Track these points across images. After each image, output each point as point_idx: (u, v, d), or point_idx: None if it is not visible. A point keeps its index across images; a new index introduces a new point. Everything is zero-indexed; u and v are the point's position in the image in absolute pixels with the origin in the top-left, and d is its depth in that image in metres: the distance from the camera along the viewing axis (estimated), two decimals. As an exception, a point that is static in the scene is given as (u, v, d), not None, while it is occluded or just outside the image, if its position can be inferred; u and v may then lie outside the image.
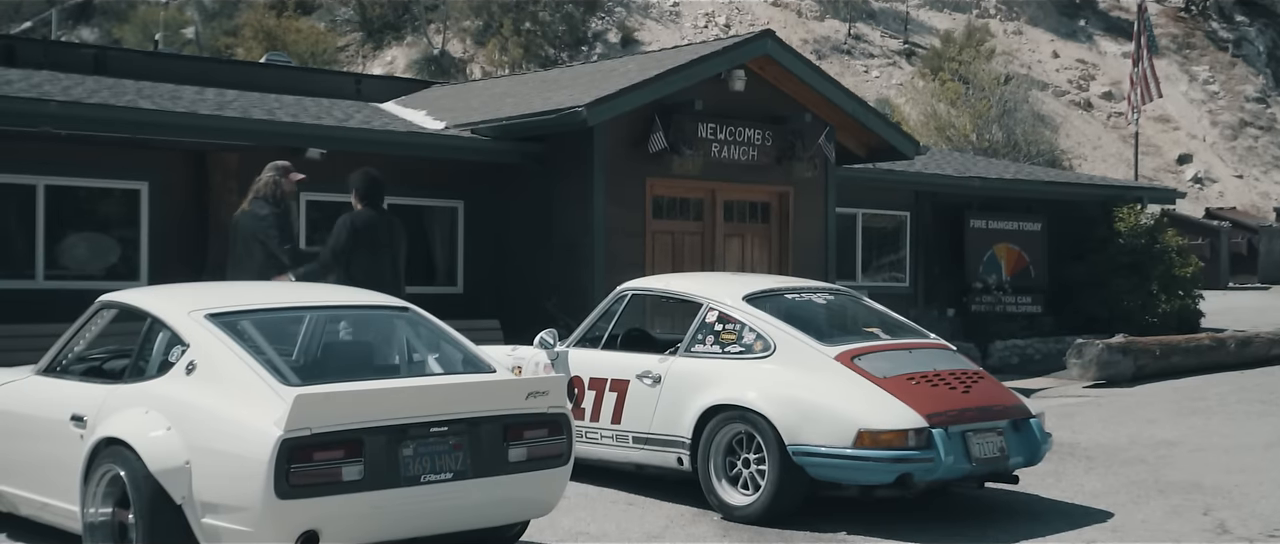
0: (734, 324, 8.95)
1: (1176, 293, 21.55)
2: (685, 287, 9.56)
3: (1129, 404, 14.37)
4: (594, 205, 15.00)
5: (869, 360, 8.54)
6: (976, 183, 20.59)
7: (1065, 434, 12.20)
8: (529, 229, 15.77)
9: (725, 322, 9.00)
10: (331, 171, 15.00)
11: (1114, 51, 51.29)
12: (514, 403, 6.65)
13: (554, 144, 15.34)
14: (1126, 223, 21.38)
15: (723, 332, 8.97)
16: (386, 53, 46.19)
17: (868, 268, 20.24)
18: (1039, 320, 21.09)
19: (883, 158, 17.98)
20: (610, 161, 15.05)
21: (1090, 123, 48.05)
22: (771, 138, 16.25)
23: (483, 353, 7.22)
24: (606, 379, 9.39)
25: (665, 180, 15.57)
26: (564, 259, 15.35)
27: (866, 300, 9.85)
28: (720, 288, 9.37)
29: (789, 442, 8.24)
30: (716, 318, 9.05)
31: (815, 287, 9.68)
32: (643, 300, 9.82)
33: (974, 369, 8.95)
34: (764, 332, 8.78)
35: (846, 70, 45.80)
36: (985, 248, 20.93)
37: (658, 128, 15.07)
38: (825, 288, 9.73)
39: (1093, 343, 16.16)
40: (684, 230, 16.12)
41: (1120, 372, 16.05)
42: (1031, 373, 18.82)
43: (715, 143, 15.78)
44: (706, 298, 9.19)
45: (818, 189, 16.94)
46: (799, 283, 9.73)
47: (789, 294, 9.34)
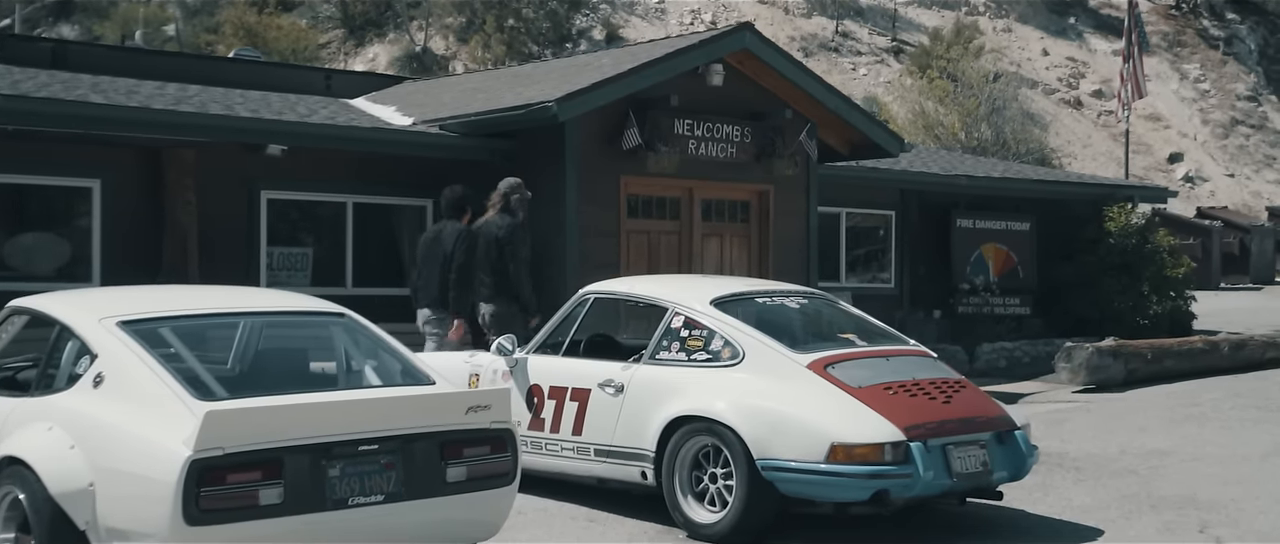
0: (701, 330, 8.42)
1: (1168, 294, 21.06)
2: (650, 290, 9.03)
3: (1119, 410, 13.87)
4: (566, 204, 14.46)
5: (843, 369, 8.02)
6: (963, 181, 20.09)
7: (1053, 443, 11.69)
8: (500, 229, 15.20)
9: (691, 327, 8.47)
10: (294, 168, 14.53)
11: (1104, 49, 50.82)
12: (453, 418, 6.11)
13: (525, 140, 14.81)
14: (1117, 222, 20.89)
15: (689, 338, 8.45)
16: (368, 50, 45.59)
17: (852, 268, 19.74)
18: (1027, 322, 20.60)
19: (866, 155, 17.46)
20: (583, 159, 14.52)
21: (1080, 121, 47.58)
22: (751, 135, 15.73)
23: (422, 363, 6.69)
24: (567, 388, 8.86)
25: (640, 178, 15.04)
26: (535, 260, 14.78)
27: (842, 304, 9.33)
28: (687, 291, 8.84)
29: (758, 456, 7.72)
30: (682, 323, 8.53)
31: (788, 290, 9.16)
32: (606, 305, 9.29)
33: (955, 378, 8.44)
34: (732, 338, 8.26)
35: (834, 68, 45.29)
36: (972, 248, 20.44)
37: (632, 124, 14.54)
38: (799, 291, 9.20)
39: (1082, 346, 15.65)
40: (660, 230, 15.59)
41: (1111, 376, 15.55)
42: (1019, 376, 18.34)
43: (692, 140, 15.25)
44: (672, 302, 8.66)
45: (799, 187, 16.42)
46: (771, 286, 9.21)
47: (760, 298, 8.82)
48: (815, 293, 9.34)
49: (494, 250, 11.15)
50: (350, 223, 15.26)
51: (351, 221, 15.28)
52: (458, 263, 10.94)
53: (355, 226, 15.31)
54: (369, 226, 15.57)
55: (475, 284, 11.18)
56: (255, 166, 14.30)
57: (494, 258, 11.14)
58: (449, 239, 11.16)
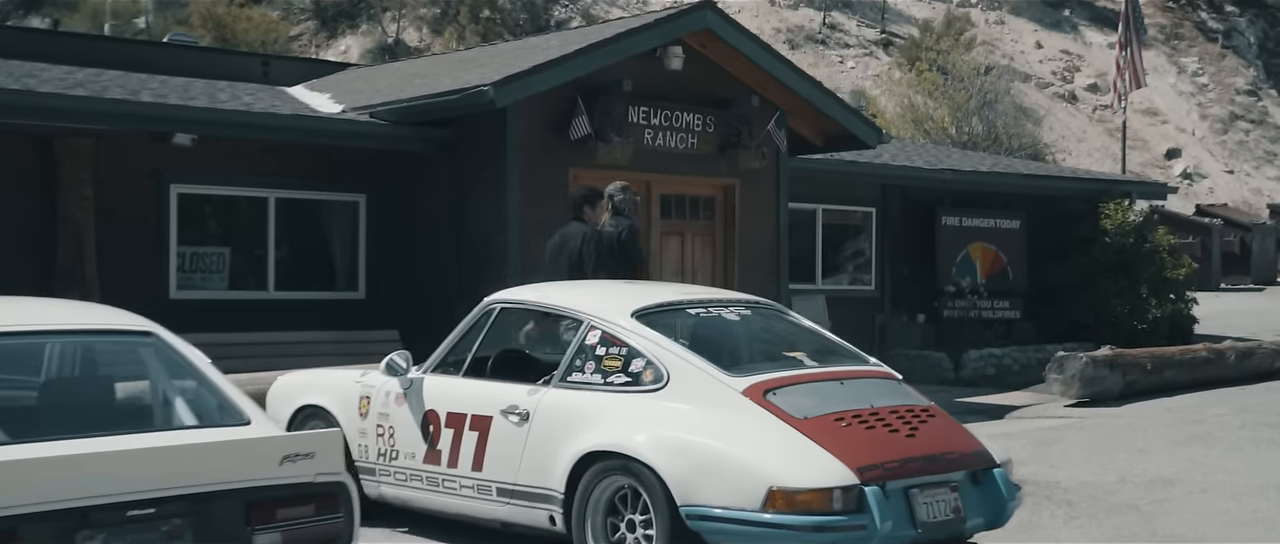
0: (619, 347, 7.06)
1: (1168, 296, 19.75)
2: (563, 299, 7.66)
3: (1117, 428, 12.52)
4: (507, 199, 13.12)
5: (786, 395, 6.67)
6: (949, 176, 18.75)
7: (1042, 468, 10.35)
8: (438, 227, 13.89)
9: (609, 344, 7.11)
10: (207, 159, 13.18)
11: (1100, 42, 49.42)
12: (263, 470, 4.76)
13: (464, 129, 13.48)
14: (1113, 220, 19.57)
15: (606, 356, 7.09)
16: (340, 42, 44.16)
17: (829, 269, 18.40)
18: (1018, 327, 19.29)
19: (842, 147, 16.14)
20: (526, 149, 13.17)
21: (1075, 116, 46.21)
22: (714, 124, 14.38)
23: (238, 396, 5.30)
24: (466, 415, 7.50)
25: (591, 171, 13.63)
26: (474, 261, 13.46)
27: (792, 316, 7.96)
28: (605, 301, 7.48)
29: (682, 502, 6.37)
30: (598, 339, 7.16)
31: (728, 299, 7.78)
32: (516, 315, 7.91)
33: (923, 404, 7.08)
34: (655, 357, 6.90)
35: (821, 60, 43.92)
36: (959, 247, 19.14)
37: (581, 111, 13.18)
38: (741, 301, 7.83)
39: (1075, 356, 14.29)
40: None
41: (1106, 388, 14.20)
42: (1008, 385, 17.02)
43: (648, 129, 13.90)
44: (587, 314, 7.30)
45: (768, 181, 15.06)
46: (707, 294, 7.83)
47: (692, 309, 7.45)
48: (761, 303, 7.96)
49: (616, 252, 10.46)
50: (272, 220, 13.91)
51: (274, 218, 13.93)
52: (591, 265, 10.32)
53: (278, 224, 13.97)
54: (294, 224, 14.23)
55: None
56: (163, 157, 12.94)
57: (615, 261, 10.38)
58: (575, 240, 10.56)
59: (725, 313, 7.47)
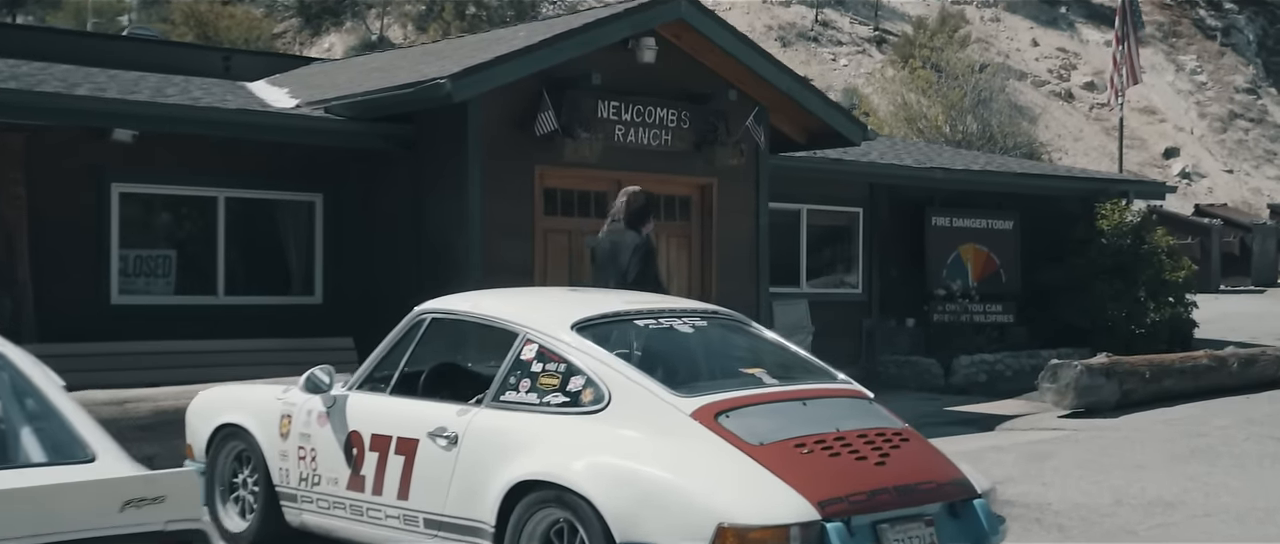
0: (557, 363, 6.32)
1: (1167, 300, 19.01)
2: (497, 309, 6.91)
3: (1113, 441, 11.79)
4: (469, 198, 12.40)
5: (742, 418, 5.94)
6: (939, 175, 18.02)
7: (1033, 487, 9.63)
8: (398, 228, 13.18)
9: (546, 359, 6.38)
10: (152, 157, 12.48)
11: (1097, 40, 48.66)
12: (100, 518, 4.01)
13: (425, 125, 12.77)
14: (1110, 220, 18.83)
15: (542, 374, 6.35)
16: (324, 40, 43.39)
17: (814, 272, 17.67)
18: (1011, 331, 18.55)
19: (825, 144, 15.41)
20: (490, 146, 12.45)
21: (1071, 114, 45.46)
22: (689, 119, 13.66)
23: (89, 428, 4.55)
24: (391, 437, 6.77)
25: (559, 169, 12.96)
26: (434, 264, 12.73)
27: (754, 327, 7.22)
28: (544, 311, 6.75)
29: (621, 538, 5.65)
30: (535, 354, 6.43)
31: (683, 309, 7.03)
32: (448, 327, 7.16)
33: (895, 427, 6.35)
34: (596, 375, 6.17)
35: (813, 58, 43.18)
36: (949, 249, 18.42)
37: (547, 106, 12.45)
38: (698, 311, 7.08)
39: (1069, 364, 13.55)
40: (584, 229, 13.46)
41: (1102, 398, 13.47)
42: (1001, 392, 16.31)
43: (619, 124, 13.18)
44: (522, 325, 6.56)
45: (747, 180, 14.33)
46: (658, 304, 7.07)
47: (641, 320, 6.70)
48: (719, 313, 7.21)
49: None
50: (222, 220, 13.21)
51: (224, 219, 13.24)
52: (632, 278, 9.97)
53: (228, 225, 13.27)
54: (246, 225, 13.56)
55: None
56: (103, 154, 12.26)
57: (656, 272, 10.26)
58: (625, 251, 10.17)
59: (678, 324, 6.73)
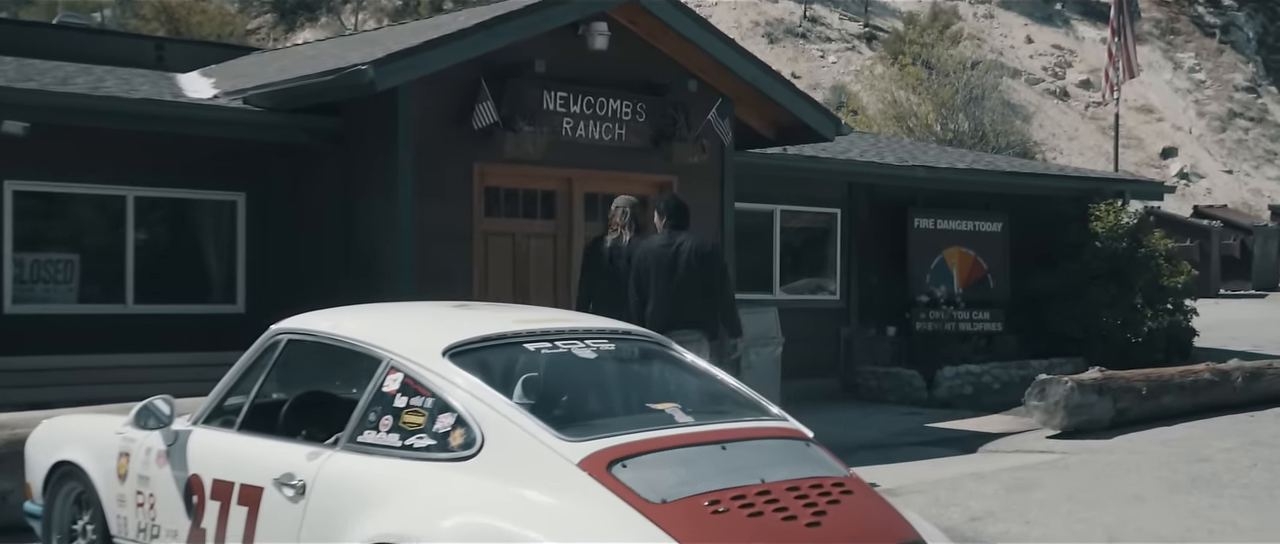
0: (424, 397, 5.18)
1: (1165, 306, 17.88)
2: (359, 329, 5.75)
3: (1107, 467, 10.65)
4: (397, 198, 11.28)
5: (643, 467, 4.79)
6: (922, 173, 16.89)
7: (1015, 525, 8.51)
8: (326, 230, 12.06)
9: (412, 392, 5.24)
10: (51, 152, 11.34)
11: (1093, 37, 47.51)
12: None
13: (354, 118, 11.68)
14: (1105, 222, 17.70)
15: (407, 409, 5.21)
16: (299, 35, 42.22)
17: (787, 278, 16.54)
18: (999, 340, 17.41)
19: (796, 139, 14.30)
20: (423, 140, 11.33)
21: (1066, 113, 44.31)
22: (645, 112, 12.54)
23: None
24: (234, 483, 5.63)
25: (501, 166, 11.83)
26: (363, 271, 11.61)
27: (675, 351, 6.05)
28: (413, 333, 5.61)
29: (487, 621, 4.50)
30: (399, 385, 5.29)
31: (587, 329, 5.85)
32: (310, 350, 6.01)
33: (836, 476, 5.19)
34: (469, 412, 5.02)
35: (801, 55, 42.04)
36: (933, 252, 17.29)
37: (485, 96, 11.32)
38: (605, 331, 5.90)
39: (1058, 380, 12.40)
40: (530, 232, 12.40)
41: (1095, 417, 12.33)
42: (987, 407, 15.20)
43: (567, 117, 12.06)
44: (386, 350, 5.42)
45: (710, 179, 13.21)
46: (557, 323, 5.87)
47: (531, 343, 5.55)
48: (633, 334, 6.04)
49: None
50: (131, 221, 12.09)
51: (133, 220, 12.10)
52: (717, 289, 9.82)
53: (139, 226, 12.15)
54: (159, 226, 12.48)
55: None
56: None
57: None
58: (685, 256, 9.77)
59: (578, 349, 5.57)
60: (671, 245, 9.73)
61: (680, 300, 9.59)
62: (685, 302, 9.60)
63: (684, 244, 9.75)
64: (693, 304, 9.63)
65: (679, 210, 10.07)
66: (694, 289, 9.65)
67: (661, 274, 9.65)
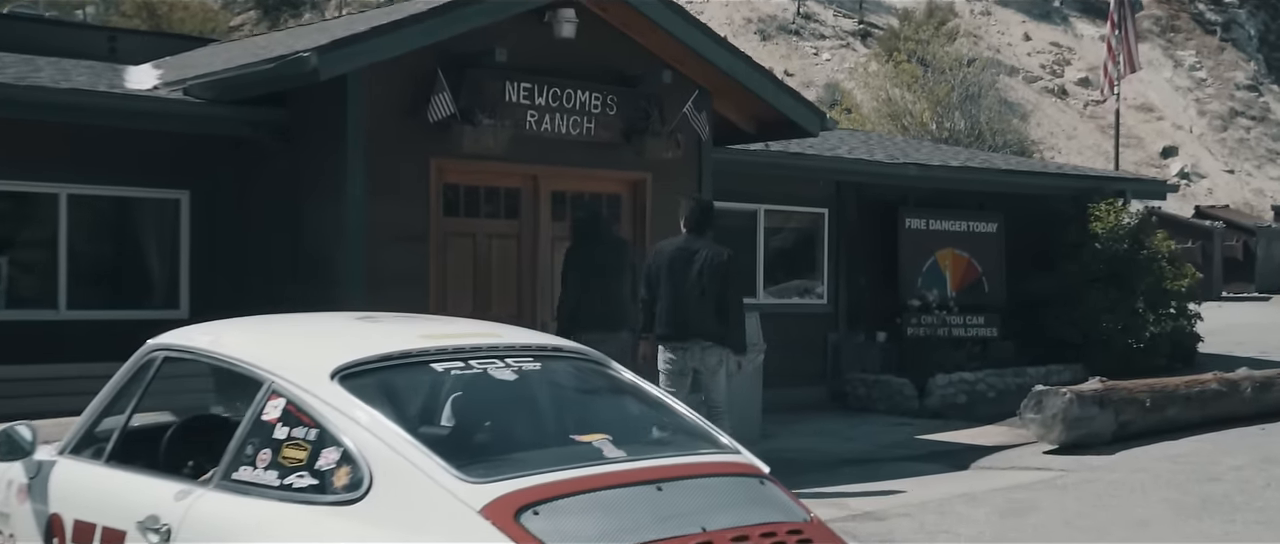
0: (308, 427, 4.38)
1: (1168, 310, 17.10)
2: (241, 346, 4.92)
3: (1108, 487, 9.86)
4: (347, 196, 10.52)
5: (558, 515, 3.98)
6: (914, 171, 16.11)
7: (1008, 557, 7.70)
8: (274, 232, 11.27)
9: (294, 421, 4.43)
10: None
11: (1092, 35, 46.71)
12: None
13: (301, 112, 10.94)
14: (1105, 223, 16.92)
15: (288, 441, 4.41)
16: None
17: (772, 281, 15.75)
18: (994, 346, 16.64)
19: (778, 135, 13.54)
20: (374, 134, 10.57)
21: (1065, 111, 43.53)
22: (616, 104, 11.77)
23: None
24: (96, 526, 4.83)
25: (460, 162, 11.06)
26: (311, 274, 10.85)
27: (613, 369, 5.20)
28: (300, 351, 4.80)
29: None
30: (281, 412, 4.48)
31: (507, 345, 4.99)
32: (188, 369, 5.20)
33: (793, 521, 4.38)
34: (358, 446, 4.22)
35: (794, 52, 41.26)
36: (926, 254, 16.54)
37: (442, 87, 10.54)
38: (531, 347, 5.06)
39: (1056, 392, 11.60)
40: (493, 232, 11.63)
41: (1095, 430, 11.55)
42: (981, 417, 14.43)
43: (532, 110, 11.28)
44: (268, 371, 4.61)
45: (686, 175, 12.43)
46: (472, 338, 5.00)
47: (439, 363, 4.71)
48: (563, 350, 5.21)
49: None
50: (64, 221, 11.27)
51: (66, 220, 11.28)
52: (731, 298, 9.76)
53: (73, 226, 11.32)
54: (95, 227, 11.67)
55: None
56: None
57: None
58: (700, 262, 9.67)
59: (495, 368, 4.75)
60: (688, 251, 9.62)
61: (695, 308, 9.52)
62: (694, 310, 9.53)
63: (700, 252, 9.62)
64: (704, 313, 9.53)
65: (704, 214, 9.93)
66: (705, 299, 9.53)
67: (674, 280, 9.56)
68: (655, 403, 5.00)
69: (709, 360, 9.70)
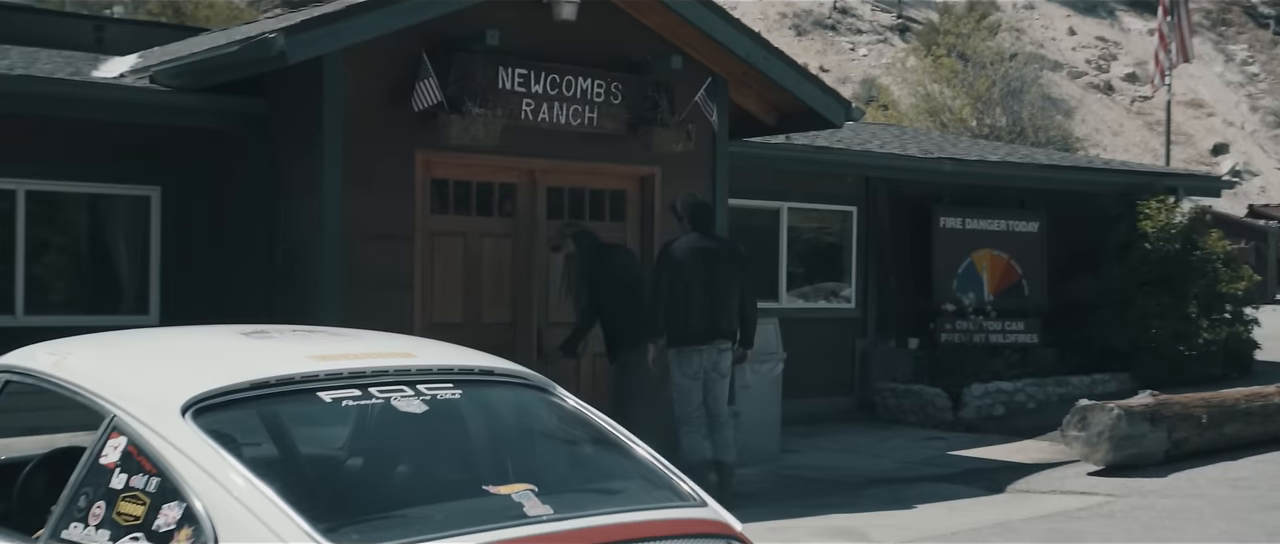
0: (148, 475, 3.47)
1: (1222, 316, 16.01)
2: (84, 370, 3.98)
3: (1162, 516, 8.83)
4: (322, 193, 9.61)
5: (451, 596, 3.05)
6: (949, 166, 15.09)
7: (1048, 601, 6.70)
8: (250, 230, 10.39)
9: (134, 467, 3.53)
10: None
11: (1139, 28, 45.44)
12: None
13: (279, 101, 10.05)
14: (1155, 221, 15.84)
15: (125, 492, 3.51)
16: (309, 28, 40.66)
17: (796, 283, 14.80)
18: (1034, 354, 15.63)
19: (800, 126, 12.58)
20: (354, 124, 9.67)
21: (1110, 107, 42.28)
22: (621, 93, 10.80)
23: None
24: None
25: (448, 155, 10.14)
26: (287, 277, 9.97)
27: (557, 396, 4.22)
28: (151, 375, 3.88)
29: None
30: (121, 454, 3.58)
31: (424, 367, 4.01)
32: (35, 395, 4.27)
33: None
34: (204, 501, 3.30)
35: (830, 47, 40.27)
36: (961, 255, 15.56)
37: (427, 73, 9.59)
38: (454, 371, 4.06)
39: (1102, 407, 10.55)
40: (484, 232, 10.70)
41: (1146, 450, 10.50)
42: (1020, 430, 13.47)
43: (527, 98, 10.32)
44: (111, 401, 3.70)
45: (699, 170, 11.47)
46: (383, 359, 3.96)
47: (329, 391, 3.74)
48: (494, 373, 4.19)
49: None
50: (22, 219, 10.44)
51: (24, 218, 10.45)
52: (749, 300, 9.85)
53: (31, 225, 10.49)
54: (56, 225, 10.84)
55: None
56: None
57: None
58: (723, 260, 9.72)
59: (401, 397, 3.79)
60: (707, 249, 9.59)
61: (720, 307, 9.49)
62: (723, 309, 9.51)
63: (719, 249, 9.66)
64: (728, 312, 9.55)
65: (708, 210, 9.91)
66: (731, 296, 9.55)
67: (702, 278, 9.47)
68: (605, 440, 4.05)
69: (724, 362, 9.67)
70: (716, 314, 9.49)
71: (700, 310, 9.47)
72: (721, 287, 9.49)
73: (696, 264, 9.50)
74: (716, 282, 9.49)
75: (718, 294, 9.48)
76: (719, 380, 9.72)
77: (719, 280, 9.50)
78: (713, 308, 9.48)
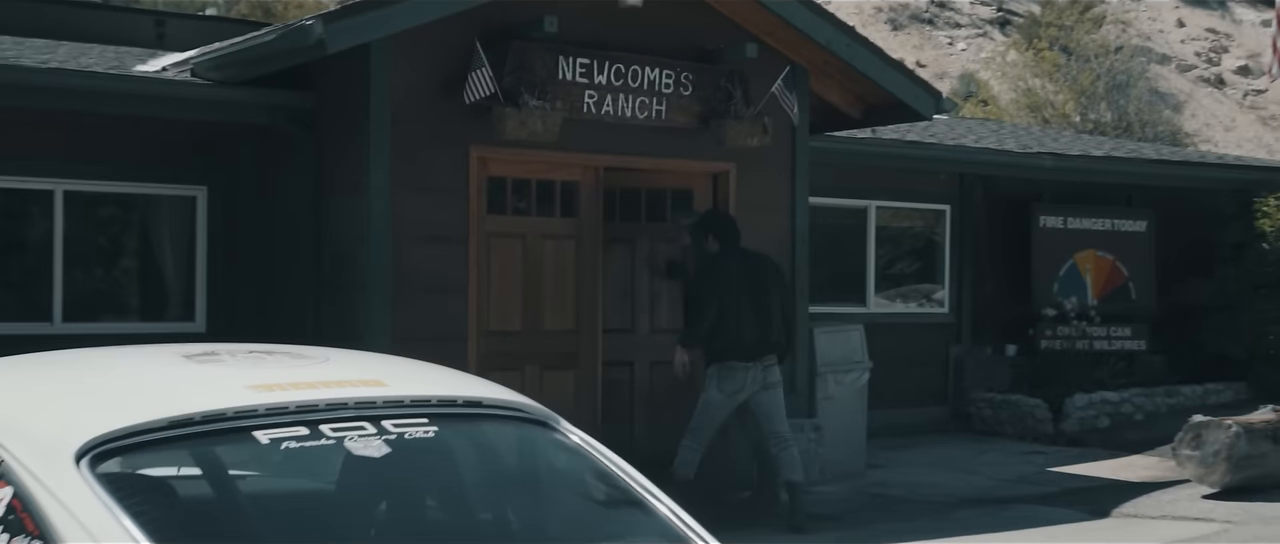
0: (31, 538, 2.79)
1: (1349, 322, 14.95)
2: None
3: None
4: (369, 190, 9.01)
5: None
6: (1049, 162, 14.19)
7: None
8: (297, 232, 9.82)
9: (17, 525, 2.85)
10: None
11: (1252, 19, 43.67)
12: None
13: (328, 94, 9.48)
14: (1274, 220, 14.85)
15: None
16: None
17: (884, 287, 14.03)
18: (1142, 362, 14.73)
19: (886, 119, 11.80)
20: (402, 117, 9.09)
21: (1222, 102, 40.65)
22: (692, 83, 10.09)
23: None
24: None
25: (506, 151, 9.49)
26: (334, 281, 9.39)
27: (562, 431, 3.47)
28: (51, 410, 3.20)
29: None
30: (4, 509, 2.90)
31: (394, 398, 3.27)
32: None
33: None
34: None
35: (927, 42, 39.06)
36: (1062, 257, 14.72)
37: (481, 62, 8.93)
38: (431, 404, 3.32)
39: (1219, 423, 9.61)
40: (544, 233, 10.05)
41: (1268, 471, 9.56)
42: (1127, 445, 12.58)
43: (590, 89, 9.65)
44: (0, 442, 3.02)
45: (777, 165, 10.75)
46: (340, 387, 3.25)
47: (267, 429, 3.01)
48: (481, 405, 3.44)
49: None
50: (60, 222, 9.93)
51: (63, 220, 9.93)
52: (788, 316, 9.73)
53: (70, 228, 9.97)
54: (96, 228, 10.34)
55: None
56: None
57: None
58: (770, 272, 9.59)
59: (357, 438, 3.06)
60: (752, 264, 9.41)
61: (767, 321, 9.30)
62: (771, 323, 9.32)
63: (762, 263, 9.49)
64: (774, 327, 9.35)
65: (730, 226, 9.65)
66: (775, 311, 9.36)
67: (752, 294, 9.26)
68: (617, 489, 3.31)
69: (773, 374, 9.33)
70: (765, 329, 9.29)
71: (751, 325, 9.23)
72: (769, 301, 9.32)
73: (746, 278, 9.30)
74: (765, 296, 9.32)
75: (766, 309, 9.31)
76: (773, 393, 9.36)
77: (769, 294, 9.34)
78: (761, 323, 9.29)
